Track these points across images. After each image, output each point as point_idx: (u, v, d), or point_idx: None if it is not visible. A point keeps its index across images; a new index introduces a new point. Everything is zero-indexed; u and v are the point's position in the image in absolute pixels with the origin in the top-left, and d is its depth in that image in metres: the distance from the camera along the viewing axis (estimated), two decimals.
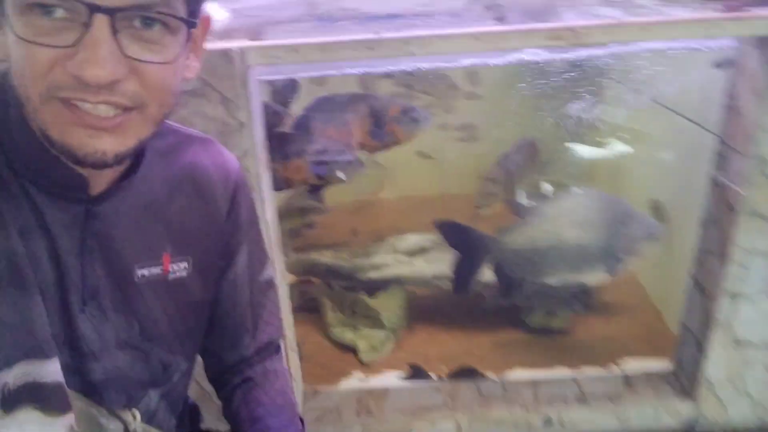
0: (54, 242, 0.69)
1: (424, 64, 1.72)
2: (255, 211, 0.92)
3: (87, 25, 0.55)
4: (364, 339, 1.92)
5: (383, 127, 1.36)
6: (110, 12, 0.55)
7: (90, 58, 0.55)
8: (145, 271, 0.77)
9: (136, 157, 0.74)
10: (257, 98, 1.21)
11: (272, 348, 0.96)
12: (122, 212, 0.74)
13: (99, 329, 0.74)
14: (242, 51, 1.10)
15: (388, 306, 1.96)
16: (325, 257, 1.99)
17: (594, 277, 1.78)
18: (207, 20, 0.71)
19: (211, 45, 1.12)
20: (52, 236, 0.69)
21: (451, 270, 1.71)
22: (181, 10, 0.62)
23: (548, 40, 1.12)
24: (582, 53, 1.47)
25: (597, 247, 1.72)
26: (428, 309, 2.07)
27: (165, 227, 0.79)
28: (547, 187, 2.58)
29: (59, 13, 0.55)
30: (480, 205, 1.66)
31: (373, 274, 1.96)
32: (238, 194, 0.87)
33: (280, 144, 1.43)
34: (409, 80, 1.99)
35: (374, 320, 1.88)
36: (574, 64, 2.06)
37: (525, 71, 2.47)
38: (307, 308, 2.03)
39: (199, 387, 1.12)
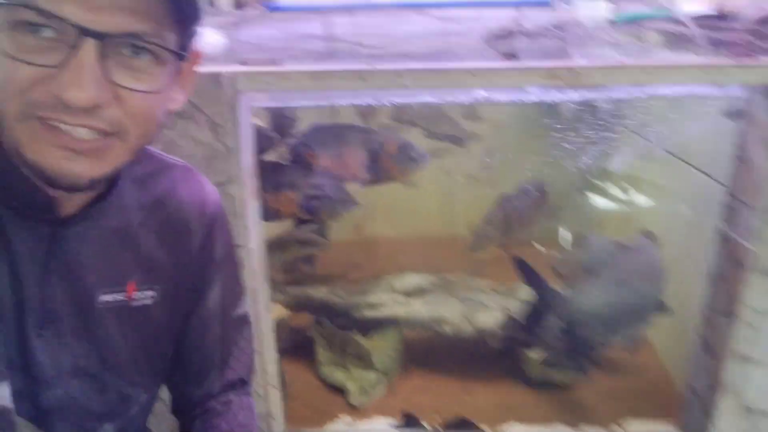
0: (15, 262, 0.67)
1: (432, 99, 1.71)
2: (232, 245, 0.89)
3: (74, 48, 0.55)
4: (354, 381, 1.84)
5: (378, 162, 1.33)
6: (100, 37, 0.55)
7: (74, 80, 0.55)
8: (108, 297, 0.74)
9: (110, 182, 0.72)
10: (247, 124, 1.19)
11: (239, 385, 0.91)
12: (90, 237, 0.72)
13: (55, 355, 0.71)
14: (232, 76, 1.09)
15: (382, 347, 1.89)
16: (320, 292, 1.94)
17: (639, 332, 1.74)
18: (197, 55, 0.71)
19: (202, 68, 1.11)
20: (13, 256, 0.66)
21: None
22: (172, 42, 0.62)
23: (545, 79, 1.09)
24: (591, 96, 1.44)
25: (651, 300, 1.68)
26: (424, 353, 1.99)
27: (133, 254, 0.76)
28: (565, 235, 2.52)
29: (47, 32, 0.55)
30: (475, 248, 1.60)
31: (369, 313, 1.90)
32: (214, 227, 0.85)
33: (272, 173, 1.41)
34: (413, 117, 1.97)
35: (365, 361, 1.81)
36: (584, 108, 2.03)
37: (536, 112, 2.46)
38: (298, 344, 1.97)
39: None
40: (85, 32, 0.54)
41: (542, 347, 1.87)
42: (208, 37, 1.18)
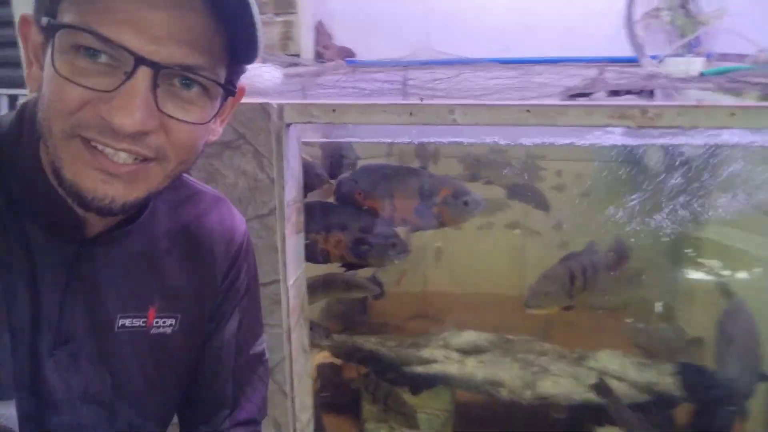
0: (36, 279, 0.66)
1: (495, 140, 1.64)
2: (256, 280, 0.88)
3: (129, 75, 0.56)
4: None
5: (431, 207, 1.26)
6: (155, 66, 0.56)
7: (124, 106, 0.56)
8: (127, 321, 0.73)
9: (141, 206, 0.71)
10: (294, 157, 1.17)
11: (250, 425, 0.86)
12: (114, 258, 0.71)
13: (66, 377, 0.69)
14: (280, 107, 1.08)
15: (431, 407, 1.75)
16: (370, 342, 1.85)
17: None
18: (242, 90, 0.72)
19: (250, 98, 1.12)
20: (35, 272, 0.66)
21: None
22: (222, 77, 0.63)
23: (614, 119, 0.99)
24: (673, 142, 1.32)
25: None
26: (476, 418, 1.83)
27: (156, 280, 0.76)
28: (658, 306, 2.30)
29: (104, 58, 0.56)
30: (529, 305, 1.46)
31: (420, 369, 1.78)
32: (239, 259, 0.84)
33: (321, 212, 1.37)
34: (476, 164, 1.89)
35: (409, 419, 1.68)
36: (669, 162, 1.87)
37: (620, 166, 2.30)
38: (343, 397, 1.87)
39: None
40: (141, 61, 0.55)
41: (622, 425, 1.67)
42: (267, 72, 1.19)
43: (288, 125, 1.11)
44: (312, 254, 1.39)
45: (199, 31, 0.59)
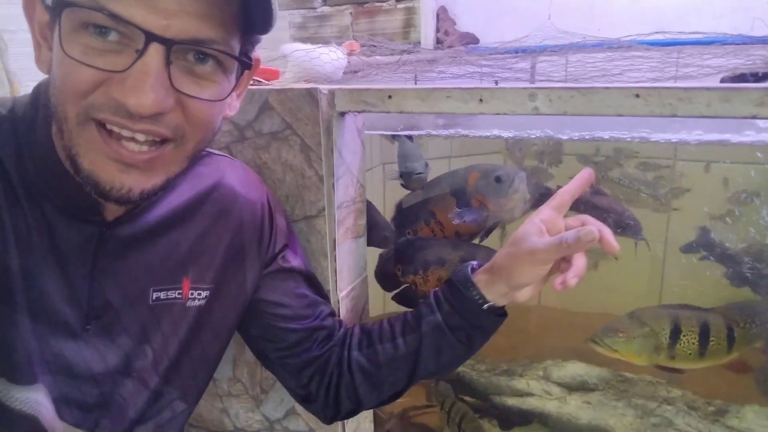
0: (63, 261, 0.66)
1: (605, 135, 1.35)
2: (291, 231, 0.91)
3: (140, 53, 0.54)
4: None
5: (468, 202, 1.04)
6: (167, 43, 0.54)
7: (138, 86, 0.54)
8: (161, 294, 0.74)
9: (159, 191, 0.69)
10: (353, 152, 1.02)
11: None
12: (139, 234, 0.71)
13: (102, 352, 0.70)
14: (330, 93, 0.93)
15: None
16: None
17: None
18: (257, 62, 0.70)
19: (299, 84, 0.98)
20: (61, 255, 0.66)
21: None
22: (236, 50, 0.61)
23: (760, 108, 0.70)
24: None
25: None
26: None
27: (187, 250, 0.75)
28: None
29: (113, 36, 0.54)
30: (594, 339, 1.13)
31: (511, 401, 1.55)
32: (272, 216, 0.86)
33: (414, 251, 1.20)
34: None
35: None
36: None
37: None
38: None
39: None
40: (152, 37, 0.53)
41: None
42: (325, 54, 1.05)
43: (342, 114, 0.96)
44: (409, 299, 1.23)
45: (210, 1, 0.55)
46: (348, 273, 1.05)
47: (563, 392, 1.56)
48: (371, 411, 1.20)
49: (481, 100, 0.84)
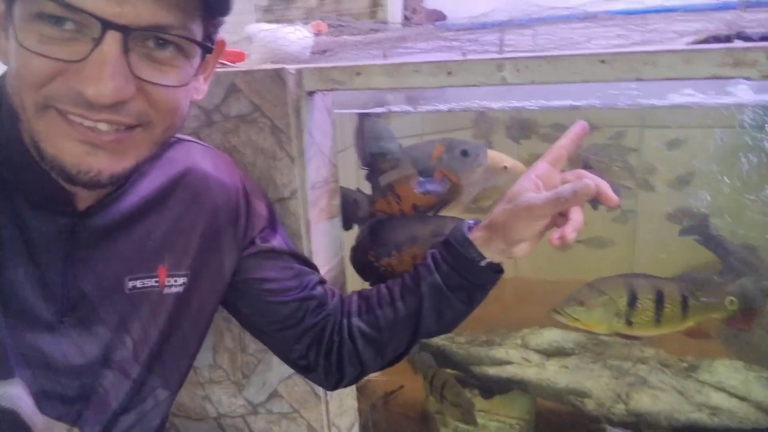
0: (35, 254, 0.65)
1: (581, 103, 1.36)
2: (271, 209, 0.91)
3: (97, 41, 0.53)
4: None
5: (431, 175, 1.04)
6: (124, 30, 0.53)
7: (96, 75, 0.53)
8: (137, 283, 0.73)
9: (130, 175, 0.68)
10: (323, 132, 1.01)
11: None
12: (112, 223, 0.70)
13: (79, 344, 0.69)
14: (298, 72, 0.92)
15: (504, 414, 1.54)
16: (437, 338, 1.67)
17: None
18: (222, 44, 0.69)
19: (267, 65, 0.97)
20: (33, 248, 0.65)
21: None
22: (198, 34, 0.60)
23: (721, 68, 0.72)
24: None
25: None
26: (557, 431, 1.59)
27: (161, 237, 0.75)
28: None
29: (69, 25, 0.53)
30: (557, 310, 1.16)
31: (491, 371, 1.58)
32: (251, 198, 0.85)
33: (385, 233, 1.19)
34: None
35: (465, 414, 1.46)
36: None
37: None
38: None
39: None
40: (108, 25, 0.52)
41: None
42: (292, 33, 1.03)
43: (310, 94, 0.95)
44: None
45: None
46: (324, 254, 1.05)
47: (541, 358, 1.60)
48: (354, 388, 1.21)
49: (449, 72, 0.83)
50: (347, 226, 1.17)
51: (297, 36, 1.01)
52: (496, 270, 0.82)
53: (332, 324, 0.88)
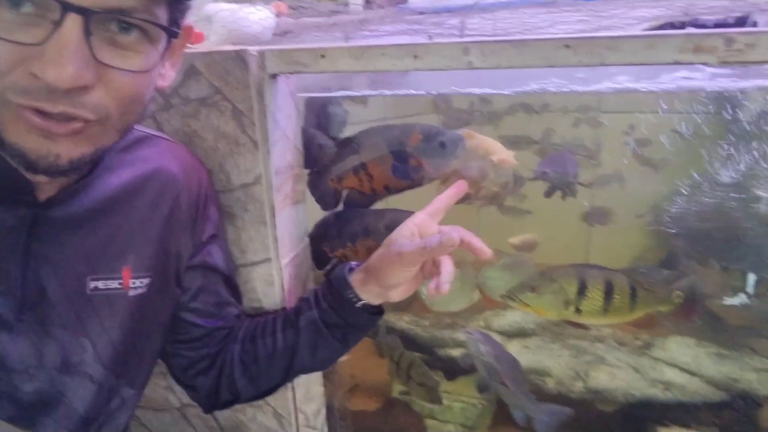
0: None
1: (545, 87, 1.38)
2: (222, 220, 0.91)
3: (57, 24, 0.51)
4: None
5: (407, 161, 1.04)
6: (85, 13, 0.51)
7: (56, 59, 0.51)
8: (100, 284, 0.71)
9: (94, 162, 0.67)
10: (287, 115, 0.99)
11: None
12: (75, 219, 0.68)
13: (37, 345, 0.67)
14: (260, 54, 0.89)
15: (468, 395, 1.57)
16: (402, 322, 1.68)
17: None
18: (189, 29, 0.68)
19: (226, 47, 0.94)
20: None
21: None
22: (163, 18, 0.58)
23: (682, 54, 0.74)
24: None
25: None
26: None
27: (126, 237, 0.73)
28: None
29: (27, 7, 0.51)
30: (508, 295, 1.19)
31: (455, 353, 1.60)
32: (207, 204, 0.84)
33: (340, 224, 1.18)
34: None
35: (430, 392, 1.49)
36: None
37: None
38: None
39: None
40: (68, 7, 0.50)
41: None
42: (253, 14, 1.00)
43: (273, 76, 0.92)
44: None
45: None
46: (289, 240, 1.04)
47: (504, 339, 1.63)
48: (320, 374, 1.21)
49: (415, 56, 0.83)
50: (310, 166, 1.15)
51: (258, 16, 0.98)
52: (373, 312, 0.84)
53: (225, 351, 0.89)
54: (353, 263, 0.87)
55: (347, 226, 1.17)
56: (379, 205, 1.19)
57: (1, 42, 0.51)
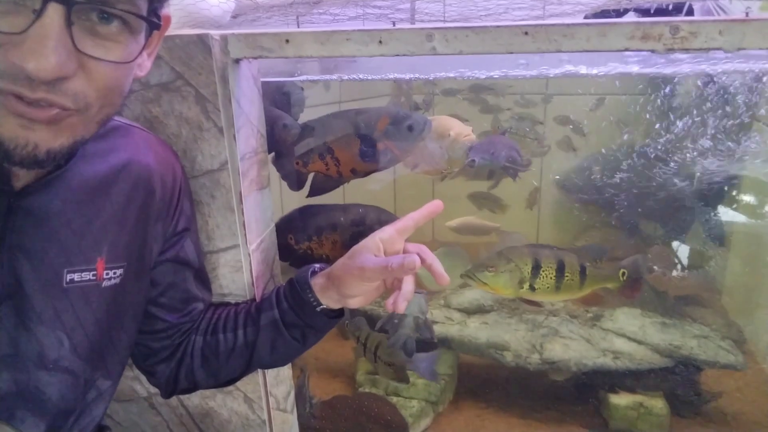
0: None
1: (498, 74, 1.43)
2: (194, 211, 0.91)
3: (38, 13, 0.50)
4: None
5: (374, 145, 1.07)
6: (66, 2, 0.51)
7: (36, 48, 0.50)
8: (75, 276, 0.70)
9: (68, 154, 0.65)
10: (251, 101, 0.99)
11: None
12: (51, 209, 0.67)
13: (13, 337, 0.66)
14: (223, 39, 0.89)
15: None
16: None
17: None
18: (167, 19, 0.67)
19: (188, 30, 0.93)
20: None
21: None
22: (143, 8, 0.58)
23: (631, 41, 0.78)
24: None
25: None
26: (479, 383, 1.70)
27: (101, 228, 0.72)
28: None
29: None
30: (468, 274, 1.25)
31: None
32: (180, 195, 0.84)
33: (306, 218, 1.19)
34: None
35: (398, 371, 1.54)
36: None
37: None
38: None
39: None
40: None
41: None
42: None
43: (237, 61, 0.92)
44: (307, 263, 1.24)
45: None
46: (256, 225, 1.04)
47: (463, 317, 1.69)
48: None
49: (380, 41, 0.84)
50: (274, 148, 1.16)
51: (219, 0, 0.96)
52: (332, 315, 0.87)
53: (187, 342, 0.90)
54: (317, 266, 0.88)
55: (312, 221, 1.18)
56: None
57: None
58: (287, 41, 0.87)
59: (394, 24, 0.86)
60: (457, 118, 1.49)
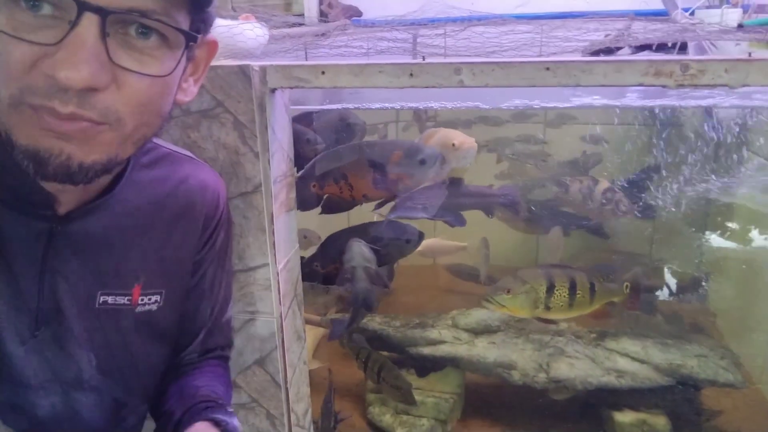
0: (11, 259, 0.63)
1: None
2: (230, 242, 0.89)
3: (73, 24, 0.50)
4: (404, 427, 1.62)
5: (387, 175, 1.15)
6: (101, 12, 0.51)
7: (70, 58, 0.50)
8: (109, 299, 0.70)
9: (114, 176, 0.67)
10: (282, 127, 1.04)
11: (217, 354, 0.89)
12: (93, 234, 0.68)
13: (49, 360, 0.67)
14: (262, 69, 0.95)
15: (439, 390, 1.66)
16: (373, 322, 1.75)
17: None
18: (213, 44, 0.67)
19: (229, 60, 0.98)
20: (9, 253, 0.63)
21: None
22: (183, 23, 0.57)
23: (645, 77, 0.85)
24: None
25: None
26: (486, 402, 1.74)
27: (141, 255, 0.72)
28: None
29: (46, 8, 0.51)
30: (487, 298, 1.31)
31: (426, 351, 1.68)
32: (220, 224, 0.83)
33: (332, 245, 1.28)
34: None
35: (405, 394, 1.56)
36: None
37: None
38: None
39: None
40: (84, 6, 0.50)
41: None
42: (249, 30, 1.05)
43: (273, 91, 0.98)
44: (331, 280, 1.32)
45: None
46: (284, 246, 1.08)
47: (471, 336, 1.73)
48: (307, 374, 1.26)
49: (411, 74, 0.90)
50: (299, 164, 1.24)
51: (255, 33, 1.02)
52: None
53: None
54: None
55: (335, 246, 1.25)
56: None
57: (18, 43, 0.50)
58: (323, 72, 0.93)
59: (423, 58, 0.92)
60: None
